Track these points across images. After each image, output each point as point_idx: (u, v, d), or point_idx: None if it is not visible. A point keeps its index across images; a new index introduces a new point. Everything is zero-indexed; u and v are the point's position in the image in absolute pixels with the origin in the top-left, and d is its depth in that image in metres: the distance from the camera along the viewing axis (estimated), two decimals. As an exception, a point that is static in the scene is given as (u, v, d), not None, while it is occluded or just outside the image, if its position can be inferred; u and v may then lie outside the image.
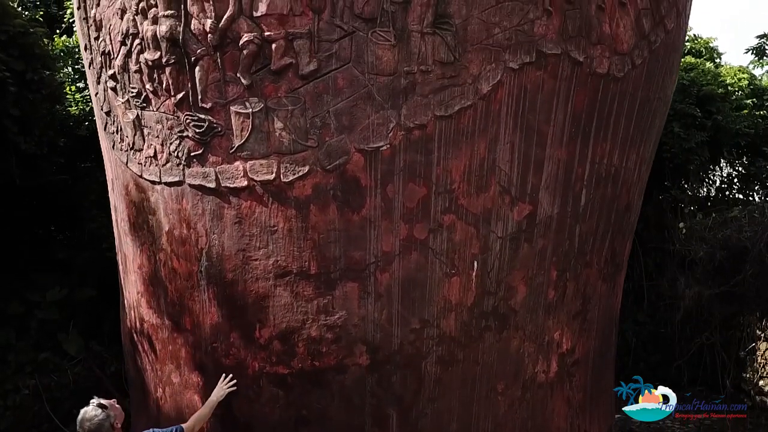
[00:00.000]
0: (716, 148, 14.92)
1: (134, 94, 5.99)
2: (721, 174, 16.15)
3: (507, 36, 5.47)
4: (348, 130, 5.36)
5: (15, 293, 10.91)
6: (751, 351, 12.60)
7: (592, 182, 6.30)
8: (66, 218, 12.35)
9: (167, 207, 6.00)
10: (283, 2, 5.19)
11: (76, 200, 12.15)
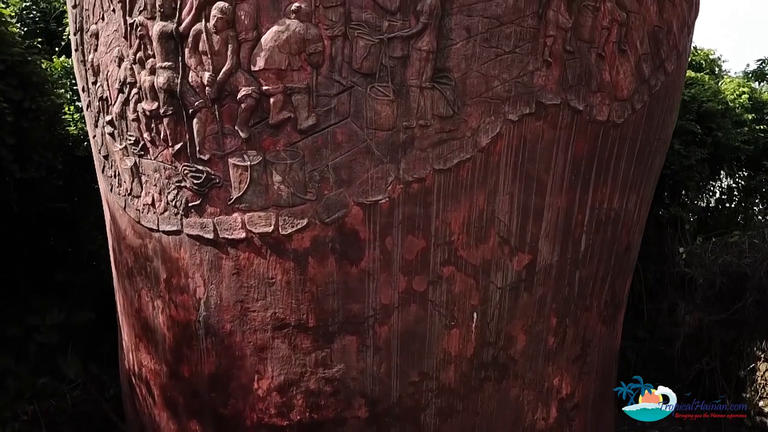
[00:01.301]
0: (716, 164, 14.93)
1: (132, 142, 5.97)
2: (720, 185, 16.16)
3: (506, 88, 5.44)
4: (347, 183, 5.34)
5: (14, 316, 10.90)
6: (751, 371, 12.58)
7: (592, 227, 6.28)
8: (65, 240, 12.33)
9: (165, 255, 5.97)
10: (282, 57, 5.16)
11: (74, 222, 12.12)
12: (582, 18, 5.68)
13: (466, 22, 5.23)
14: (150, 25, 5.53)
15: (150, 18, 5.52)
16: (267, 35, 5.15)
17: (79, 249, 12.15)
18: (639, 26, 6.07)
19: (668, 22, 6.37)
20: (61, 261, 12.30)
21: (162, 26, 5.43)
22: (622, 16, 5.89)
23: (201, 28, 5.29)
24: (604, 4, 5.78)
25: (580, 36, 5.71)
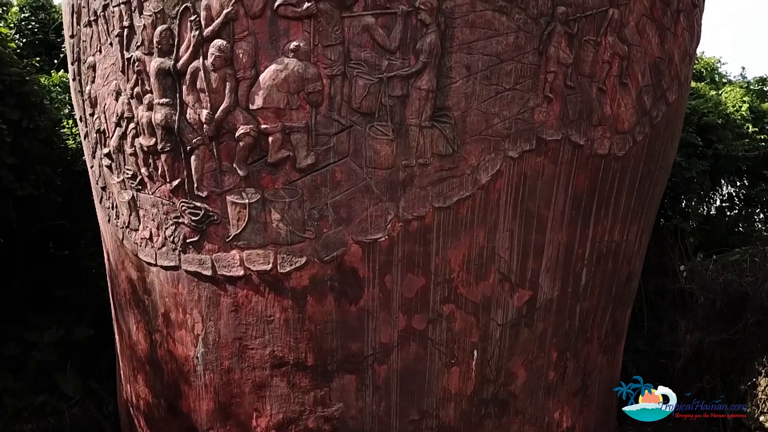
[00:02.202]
0: (717, 176, 14.89)
1: (129, 176, 5.93)
2: (721, 193, 16.11)
3: (507, 125, 5.40)
4: (346, 222, 5.30)
5: (12, 333, 10.86)
6: (752, 386, 12.53)
7: (593, 260, 6.24)
8: (63, 256, 12.29)
9: (163, 290, 5.94)
10: (280, 96, 5.12)
11: (73, 237, 12.09)
12: (583, 53, 5.64)
13: (467, 60, 5.19)
14: (147, 61, 5.49)
15: (147, 54, 5.48)
16: (265, 74, 5.11)
17: (77, 264, 12.11)
18: (641, 59, 6.03)
19: (670, 53, 6.33)
20: (60, 277, 12.27)
21: (159, 63, 5.39)
22: (624, 50, 5.85)
23: (199, 65, 5.25)
24: (606, 38, 5.73)
25: (581, 71, 5.67)
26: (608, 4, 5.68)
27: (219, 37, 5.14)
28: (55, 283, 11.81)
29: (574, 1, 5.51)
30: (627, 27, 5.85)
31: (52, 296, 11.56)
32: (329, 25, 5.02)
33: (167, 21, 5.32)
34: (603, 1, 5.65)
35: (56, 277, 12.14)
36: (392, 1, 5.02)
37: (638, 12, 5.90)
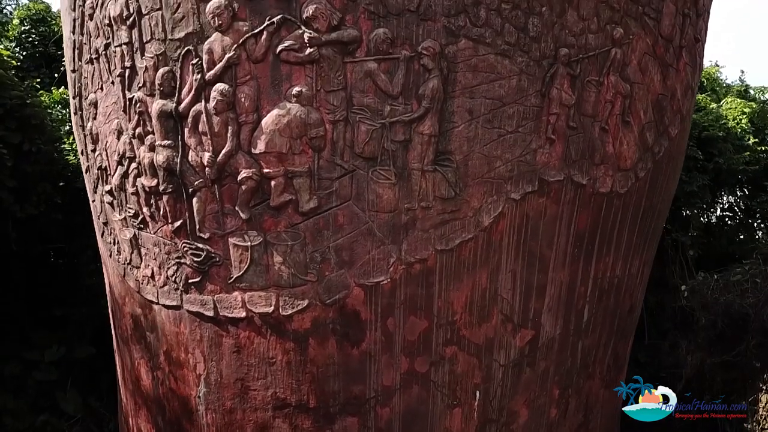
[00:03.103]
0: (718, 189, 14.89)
1: (131, 215, 5.92)
2: (721, 203, 16.11)
3: (509, 168, 5.40)
4: (348, 265, 5.29)
5: (13, 352, 10.87)
6: (753, 402, 12.53)
7: (595, 297, 6.24)
8: (63, 273, 12.29)
9: (165, 328, 5.93)
10: (283, 141, 5.10)
11: (73, 255, 12.09)
12: (585, 93, 5.64)
13: (469, 104, 5.18)
14: (149, 102, 5.48)
15: (149, 95, 5.47)
16: (268, 118, 5.10)
17: (77, 281, 12.12)
18: (643, 96, 6.03)
19: (672, 89, 6.33)
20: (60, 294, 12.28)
21: (161, 105, 5.38)
22: (626, 89, 5.85)
23: (201, 108, 5.23)
24: (608, 78, 5.74)
25: (583, 111, 5.67)
26: (611, 44, 5.68)
27: (221, 81, 5.12)
28: (55, 300, 11.82)
29: (576, 42, 5.51)
30: (629, 66, 5.85)
31: (53, 313, 11.58)
32: (332, 70, 5.01)
33: (169, 63, 5.30)
34: (605, 42, 5.65)
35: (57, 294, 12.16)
36: (394, 47, 5.00)
37: (641, 50, 5.90)
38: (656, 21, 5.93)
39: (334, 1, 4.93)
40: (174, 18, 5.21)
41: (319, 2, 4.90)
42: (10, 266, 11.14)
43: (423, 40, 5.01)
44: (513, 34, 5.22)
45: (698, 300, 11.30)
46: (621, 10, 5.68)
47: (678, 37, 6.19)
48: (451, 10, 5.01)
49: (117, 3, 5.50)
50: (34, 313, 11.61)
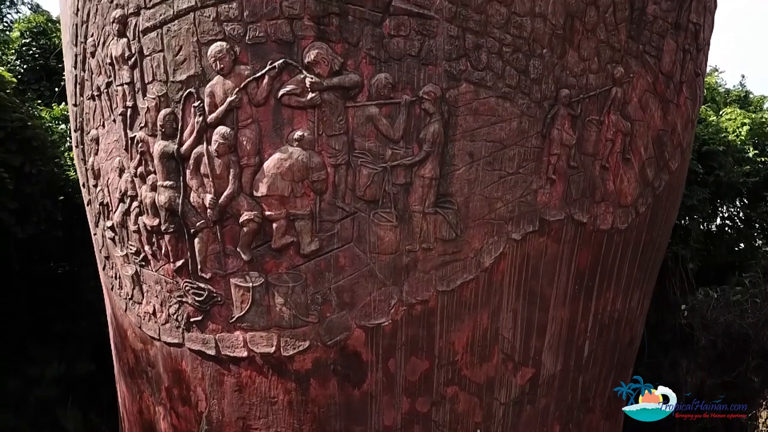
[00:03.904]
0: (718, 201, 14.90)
1: (133, 252, 5.93)
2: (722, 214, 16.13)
3: (510, 208, 5.41)
4: (349, 306, 5.30)
5: (14, 368, 10.89)
6: (752, 417, 12.55)
7: (595, 333, 6.25)
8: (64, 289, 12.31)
9: (167, 365, 5.94)
10: (284, 184, 5.12)
11: (74, 271, 12.10)
12: (586, 132, 5.65)
13: (470, 147, 5.20)
14: (151, 142, 5.49)
15: (151, 135, 5.48)
16: (269, 162, 5.11)
17: (78, 297, 12.13)
18: (643, 133, 6.05)
19: (672, 124, 6.34)
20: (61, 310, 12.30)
21: (163, 146, 5.39)
22: (627, 126, 5.86)
23: (202, 150, 5.25)
24: (609, 116, 5.75)
25: (584, 150, 5.68)
26: (611, 84, 5.70)
27: (223, 124, 5.13)
28: (56, 315, 11.84)
29: (577, 82, 5.53)
30: (630, 104, 5.86)
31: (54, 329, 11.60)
32: (333, 114, 5.03)
33: (171, 105, 5.32)
34: (606, 81, 5.67)
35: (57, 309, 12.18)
36: (396, 91, 5.02)
37: (641, 88, 5.92)
38: (656, 58, 5.95)
39: (335, 46, 4.94)
40: (176, 60, 5.22)
41: (320, 47, 4.92)
42: (11, 282, 11.17)
43: (424, 85, 5.02)
44: (514, 77, 5.23)
45: (698, 319, 11.30)
46: (621, 50, 5.69)
47: (678, 73, 6.20)
48: (452, 55, 5.02)
49: (119, 43, 5.51)
50: (35, 329, 11.64)
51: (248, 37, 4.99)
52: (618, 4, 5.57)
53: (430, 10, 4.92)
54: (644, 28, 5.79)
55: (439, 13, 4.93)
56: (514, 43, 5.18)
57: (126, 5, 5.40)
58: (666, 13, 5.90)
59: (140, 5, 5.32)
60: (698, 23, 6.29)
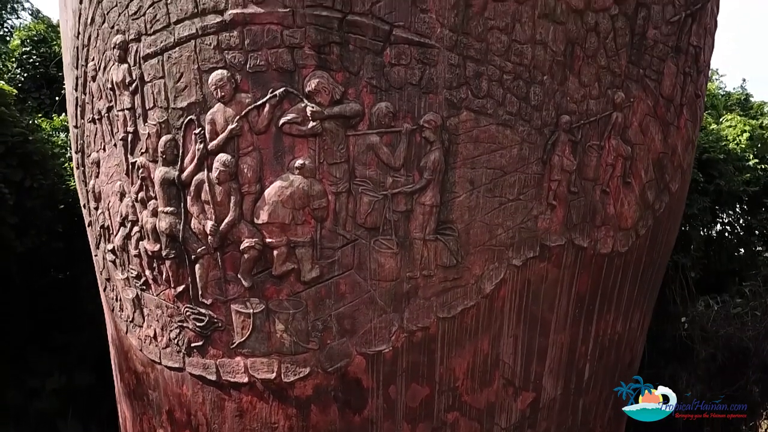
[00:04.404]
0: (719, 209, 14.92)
1: (134, 275, 5.94)
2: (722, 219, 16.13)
3: (510, 235, 5.42)
4: (350, 333, 5.31)
5: (14, 380, 10.90)
6: (752, 428, 12.55)
7: (596, 356, 6.26)
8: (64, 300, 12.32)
9: (167, 388, 5.95)
10: (285, 212, 5.12)
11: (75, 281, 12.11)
12: (587, 158, 5.66)
13: (470, 174, 5.20)
14: (152, 168, 5.50)
15: (152, 161, 5.49)
16: (270, 189, 5.12)
17: (79, 308, 12.15)
18: (644, 156, 6.05)
19: (673, 146, 6.34)
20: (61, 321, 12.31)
21: (164, 172, 5.39)
22: (627, 151, 5.86)
23: (203, 177, 5.25)
24: (609, 141, 5.75)
25: (584, 175, 5.68)
26: (612, 109, 5.70)
27: (224, 152, 5.14)
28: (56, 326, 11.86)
29: (578, 108, 5.53)
30: (630, 128, 5.87)
31: (54, 340, 11.62)
32: (334, 143, 5.03)
33: (172, 131, 5.32)
34: (607, 106, 5.67)
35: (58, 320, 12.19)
36: (396, 120, 5.02)
37: (642, 112, 5.92)
38: (657, 82, 5.95)
39: (336, 75, 4.95)
40: (177, 87, 5.23)
41: (321, 76, 4.92)
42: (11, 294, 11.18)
43: (425, 113, 5.02)
44: (515, 104, 5.24)
45: (698, 332, 11.31)
46: (622, 74, 5.70)
47: (679, 96, 6.20)
48: (452, 83, 5.03)
49: (119, 68, 5.51)
50: (35, 340, 11.65)
51: (249, 65, 4.99)
52: (618, 30, 5.56)
53: (430, 39, 4.92)
54: (645, 52, 5.79)
55: (439, 41, 4.93)
56: (514, 71, 5.18)
57: (127, 31, 5.41)
58: (666, 37, 5.90)
59: (141, 31, 5.32)
60: (698, 46, 6.29)
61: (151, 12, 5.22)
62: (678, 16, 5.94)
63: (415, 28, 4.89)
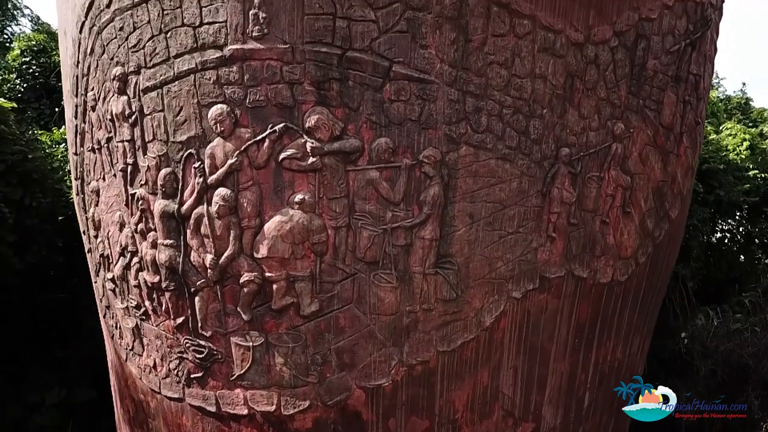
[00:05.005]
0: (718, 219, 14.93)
1: (134, 305, 5.94)
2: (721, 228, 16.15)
3: (510, 267, 5.42)
4: (349, 367, 5.31)
5: (14, 394, 10.90)
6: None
7: (596, 383, 6.26)
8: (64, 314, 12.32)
9: (167, 418, 5.95)
10: (285, 246, 5.12)
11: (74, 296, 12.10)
12: (586, 189, 5.66)
13: (470, 208, 5.20)
14: (151, 200, 5.49)
15: (151, 193, 5.48)
16: (270, 224, 5.11)
17: (79, 322, 12.15)
18: (643, 186, 6.05)
19: (673, 174, 6.34)
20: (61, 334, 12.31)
21: (164, 205, 5.39)
22: (627, 181, 5.87)
23: (203, 211, 5.25)
24: (609, 172, 5.76)
25: (584, 207, 5.69)
26: (611, 140, 5.70)
27: (223, 186, 5.13)
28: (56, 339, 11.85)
29: (577, 141, 5.53)
30: (630, 158, 5.87)
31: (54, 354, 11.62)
32: (334, 178, 5.03)
33: (171, 164, 5.32)
34: (606, 138, 5.68)
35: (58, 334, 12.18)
36: (396, 155, 5.02)
37: (641, 142, 5.92)
38: (657, 112, 5.95)
39: (336, 110, 4.95)
40: (176, 121, 5.23)
41: (321, 112, 4.92)
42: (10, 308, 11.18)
43: (424, 148, 5.02)
44: (514, 138, 5.24)
45: (698, 348, 11.32)
46: (622, 105, 5.70)
47: (679, 124, 6.21)
48: (452, 118, 5.02)
49: (119, 100, 5.51)
50: (35, 354, 11.65)
51: (249, 100, 4.99)
52: (618, 62, 5.57)
53: (430, 75, 4.92)
54: (644, 83, 5.79)
55: (439, 77, 4.93)
56: (514, 105, 5.19)
57: (126, 63, 5.40)
58: (666, 66, 5.90)
59: (140, 64, 5.32)
60: (698, 74, 6.29)
61: (150, 45, 5.22)
62: (678, 45, 5.94)
63: (414, 64, 4.89)
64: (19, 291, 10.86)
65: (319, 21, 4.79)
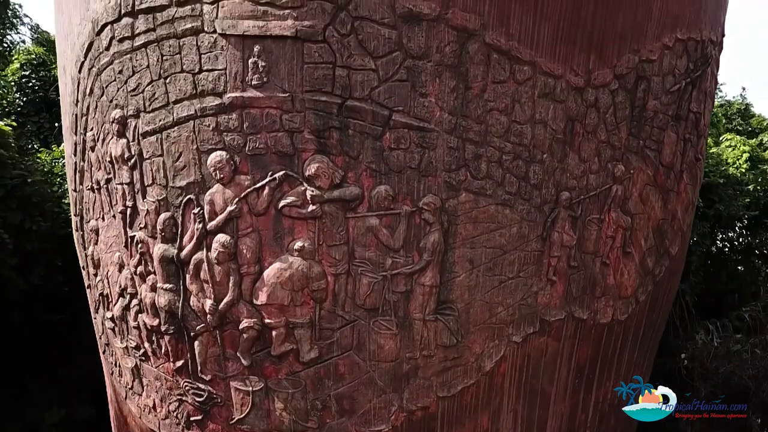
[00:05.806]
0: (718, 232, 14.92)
1: (133, 346, 5.92)
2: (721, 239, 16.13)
3: (510, 312, 5.41)
4: (349, 413, 5.30)
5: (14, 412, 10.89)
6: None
7: (596, 422, 6.25)
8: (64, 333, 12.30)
9: (167, 458, 5.93)
10: (284, 293, 5.10)
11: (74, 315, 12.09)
12: (587, 232, 5.65)
13: (470, 254, 5.19)
14: (151, 244, 5.47)
15: (151, 237, 5.46)
16: (269, 271, 5.10)
17: (78, 341, 12.13)
18: (644, 225, 6.04)
19: (673, 211, 6.33)
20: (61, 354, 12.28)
21: (163, 249, 5.37)
22: (627, 221, 5.85)
23: (202, 257, 5.23)
24: (609, 214, 5.75)
25: (584, 249, 5.68)
26: (612, 182, 5.69)
27: (223, 232, 5.11)
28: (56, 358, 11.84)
29: (578, 184, 5.52)
30: (630, 199, 5.85)
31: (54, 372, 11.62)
32: (334, 225, 5.01)
33: (170, 209, 5.30)
34: (606, 180, 5.66)
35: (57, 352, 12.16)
36: (396, 202, 5.00)
37: (642, 182, 5.91)
38: (657, 152, 5.94)
39: (336, 159, 4.93)
40: (176, 166, 5.21)
41: (321, 161, 4.90)
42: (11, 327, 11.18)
43: (424, 196, 5.01)
44: (514, 184, 5.23)
45: (698, 369, 11.29)
46: (622, 147, 5.69)
47: (679, 162, 6.19)
48: (451, 165, 5.01)
49: (118, 143, 5.49)
50: (35, 372, 11.65)
51: (248, 147, 4.97)
52: (618, 104, 5.56)
53: (430, 123, 4.90)
54: (645, 123, 5.78)
55: (439, 125, 4.91)
56: (514, 151, 5.17)
57: (125, 107, 5.39)
58: (666, 106, 5.89)
59: (140, 108, 5.30)
60: (699, 111, 6.28)
61: (149, 90, 5.20)
62: (678, 84, 5.93)
63: (414, 113, 4.87)
64: (20, 309, 10.86)
65: (318, 70, 4.77)
